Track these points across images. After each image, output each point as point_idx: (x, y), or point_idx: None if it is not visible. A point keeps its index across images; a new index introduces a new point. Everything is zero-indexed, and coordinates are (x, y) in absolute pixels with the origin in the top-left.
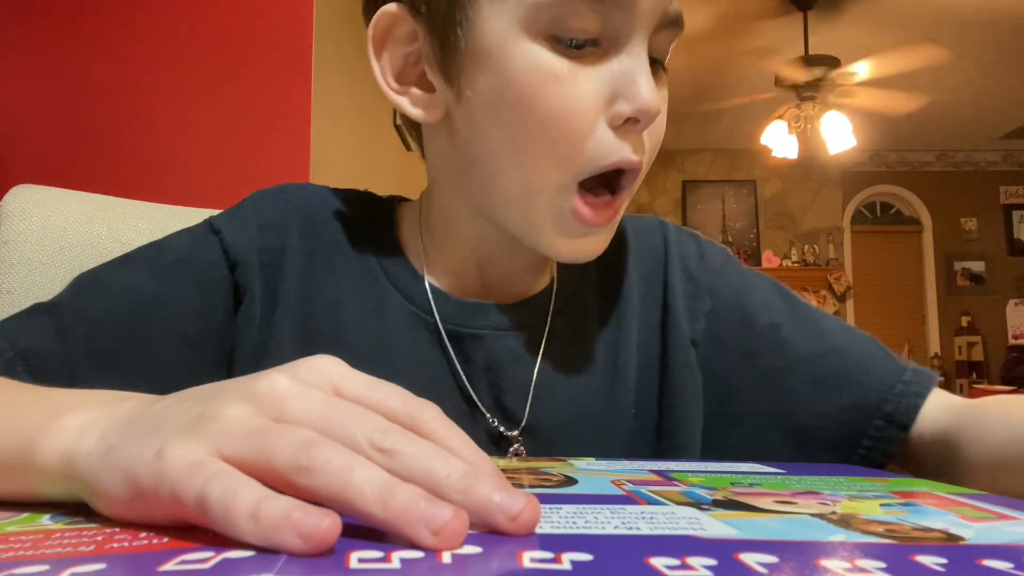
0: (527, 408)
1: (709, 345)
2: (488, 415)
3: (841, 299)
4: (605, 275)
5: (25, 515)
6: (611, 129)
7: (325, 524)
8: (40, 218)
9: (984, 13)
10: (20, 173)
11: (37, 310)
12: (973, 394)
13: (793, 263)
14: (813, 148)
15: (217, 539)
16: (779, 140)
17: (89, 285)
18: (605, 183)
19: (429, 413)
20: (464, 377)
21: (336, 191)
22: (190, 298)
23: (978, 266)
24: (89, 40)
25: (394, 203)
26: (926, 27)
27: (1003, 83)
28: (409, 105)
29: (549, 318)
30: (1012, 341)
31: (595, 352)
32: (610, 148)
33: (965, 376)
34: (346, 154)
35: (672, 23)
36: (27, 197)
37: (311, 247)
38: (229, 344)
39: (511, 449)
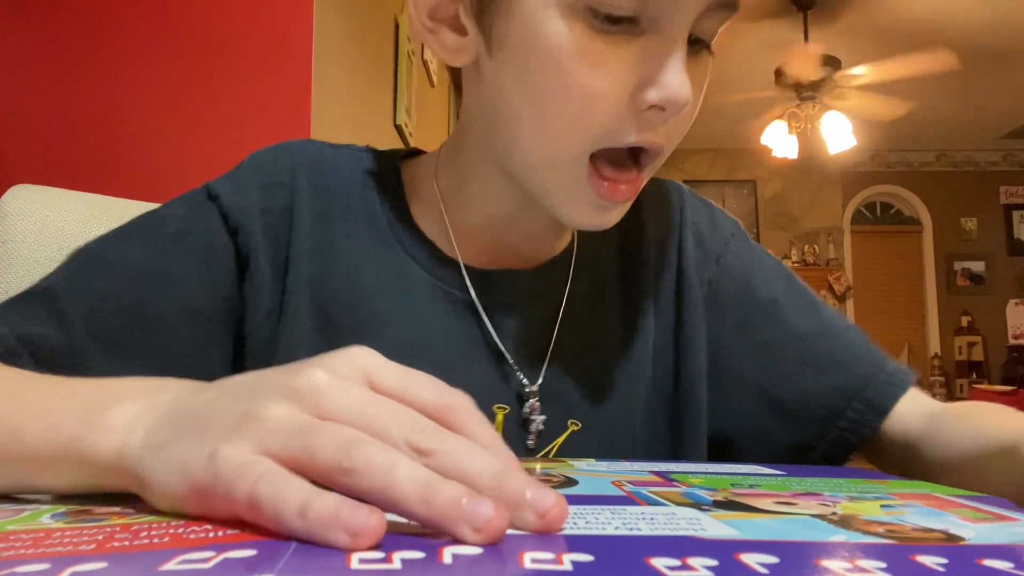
0: (543, 368)
1: (709, 310)
2: (522, 376)
3: (841, 299)
4: (624, 237)
5: (26, 513)
6: (635, 112)
7: (373, 521)
8: (39, 218)
9: (984, 13)
10: (19, 173)
11: (34, 293)
12: (973, 394)
13: (793, 263)
14: (813, 148)
15: (218, 539)
16: (779, 140)
17: (87, 262)
18: (630, 155)
19: (461, 407)
20: (500, 343)
21: (338, 148)
22: (192, 271)
23: (978, 266)
24: (88, 40)
25: (397, 159)
26: (926, 27)
27: (1003, 83)
28: (437, 45)
29: (569, 281)
30: (1012, 341)
31: (614, 314)
32: (629, 130)
33: (965, 376)
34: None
35: (724, 5)
36: (26, 197)
37: (321, 209)
38: (237, 314)
39: (527, 405)
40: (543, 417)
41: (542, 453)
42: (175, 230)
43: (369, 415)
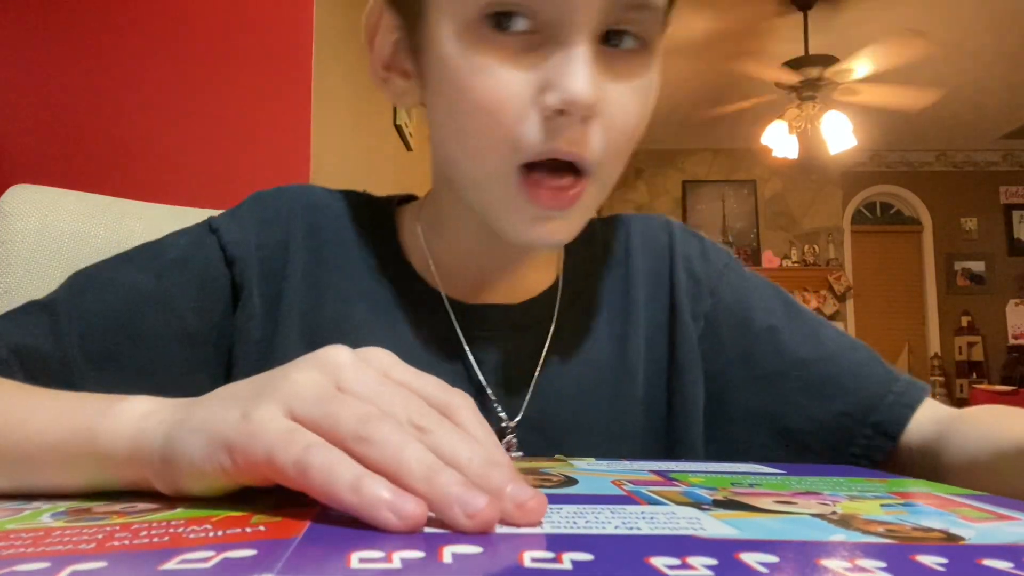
0: (525, 401)
1: (708, 344)
2: (500, 410)
3: (841, 299)
4: (611, 272)
5: (26, 513)
6: (545, 120)
7: (419, 511)
8: (38, 218)
9: (984, 13)
10: (18, 173)
11: (32, 307)
12: (973, 394)
13: (793, 263)
14: (813, 148)
15: (218, 539)
16: (779, 140)
17: (85, 282)
18: (568, 168)
19: (461, 402)
20: (481, 376)
21: (334, 192)
22: (188, 296)
23: (978, 266)
24: (87, 39)
25: (392, 204)
26: (927, 27)
27: (1003, 83)
28: (389, 91)
29: (556, 315)
30: (1012, 341)
31: (602, 348)
32: (539, 138)
33: (965, 376)
34: (346, 153)
35: (635, 6)
36: (25, 197)
37: (315, 246)
38: (228, 342)
39: (503, 440)
40: (519, 453)
41: None
42: (175, 257)
43: (382, 394)
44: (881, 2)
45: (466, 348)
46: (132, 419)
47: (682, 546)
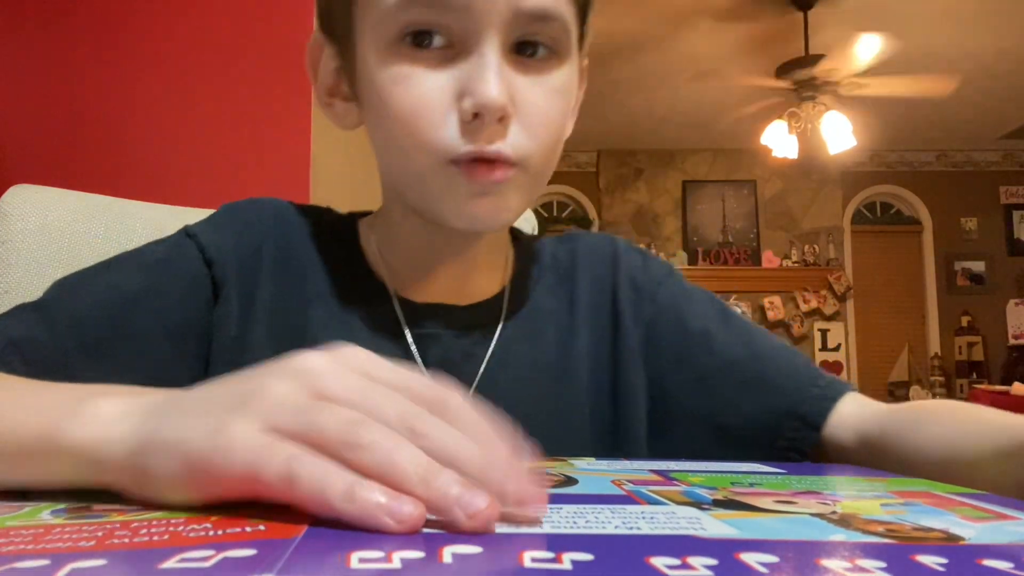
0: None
1: (648, 349)
2: None
3: (841, 299)
4: (557, 282)
5: (26, 509)
6: (463, 123)
7: (418, 512)
8: (38, 218)
9: (985, 12)
10: (18, 173)
11: (23, 308)
12: (973, 394)
13: (793, 263)
14: (813, 148)
15: (217, 538)
16: (779, 140)
17: (73, 284)
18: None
19: (453, 398)
20: (424, 369)
21: (300, 207)
22: (172, 291)
23: (978, 266)
24: (87, 40)
25: (354, 218)
26: (927, 27)
27: (1003, 83)
28: (333, 115)
29: (502, 318)
30: (1012, 341)
31: (546, 352)
32: (460, 140)
33: (965, 376)
34: (346, 153)
35: (537, 17)
36: (25, 197)
37: (283, 252)
38: (208, 339)
39: None
40: None
41: None
42: (158, 258)
43: (367, 397)
44: (881, 2)
45: (411, 343)
46: (101, 424)
47: (682, 546)
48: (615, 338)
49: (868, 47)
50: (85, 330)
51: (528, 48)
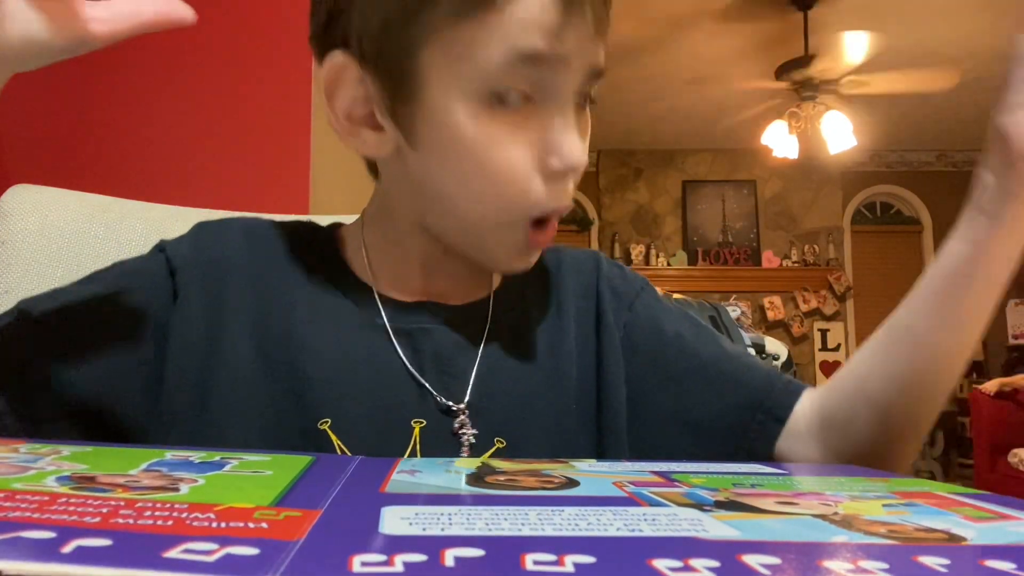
0: (469, 387)
1: (625, 350)
2: (436, 394)
3: (841, 299)
4: (544, 287)
5: (31, 472)
6: (546, 179)
7: None
8: (38, 218)
9: (985, 12)
10: (18, 173)
11: (6, 313)
12: (973, 394)
13: (793, 263)
14: (813, 148)
15: (221, 530)
16: (779, 140)
17: (51, 292)
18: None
19: None
20: (410, 365)
21: (279, 221)
22: (133, 295)
23: None
24: None
25: (334, 227)
26: (926, 27)
27: (1003, 83)
28: (361, 144)
29: (490, 316)
30: (1012, 341)
31: (535, 350)
32: (547, 198)
33: (965, 376)
34: (346, 152)
35: (598, 75)
36: (25, 197)
37: (258, 264)
38: (163, 337)
39: (457, 420)
40: (474, 431)
41: None
42: (126, 269)
43: None
44: (881, 2)
45: (394, 340)
46: None
47: (684, 548)
48: (599, 338)
49: (868, 47)
50: (45, 332)
51: (581, 102)
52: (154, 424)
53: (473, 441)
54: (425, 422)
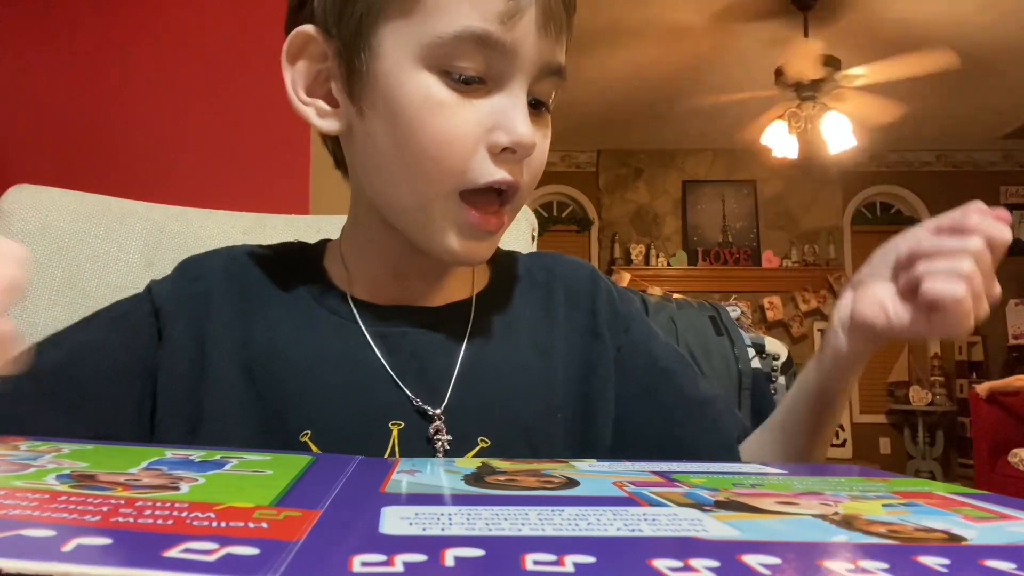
0: (449, 389)
1: (617, 374)
2: (413, 396)
3: None
4: (533, 291)
5: (31, 471)
6: (490, 155)
7: None
8: (38, 218)
9: (984, 13)
10: (18, 173)
11: None
12: (972, 394)
13: (793, 263)
14: (813, 148)
15: (221, 530)
16: (779, 140)
17: (52, 341)
18: (496, 194)
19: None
20: (389, 367)
21: (265, 246)
22: (121, 339)
23: None
24: (87, 40)
25: (322, 244)
26: (926, 26)
27: (1003, 83)
28: (315, 116)
29: (472, 316)
30: (1012, 341)
31: (521, 354)
32: (488, 170)
33: (965, 376)
34: None
35: (554, 72)
36: (25, 197)
37: (240, 289)
38: (152, 376)
39: (432, 426)
40: (448, 437)
41: None
42: (117, 314)
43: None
44: (881, 3)
45: (373, 344)
46: None
47: (684, 548)
48: (591, 351)
49: (868, 47)
50: (43, 383)
51: (538, 104)
52: None
53: (448, 448)
54: (403, 424)
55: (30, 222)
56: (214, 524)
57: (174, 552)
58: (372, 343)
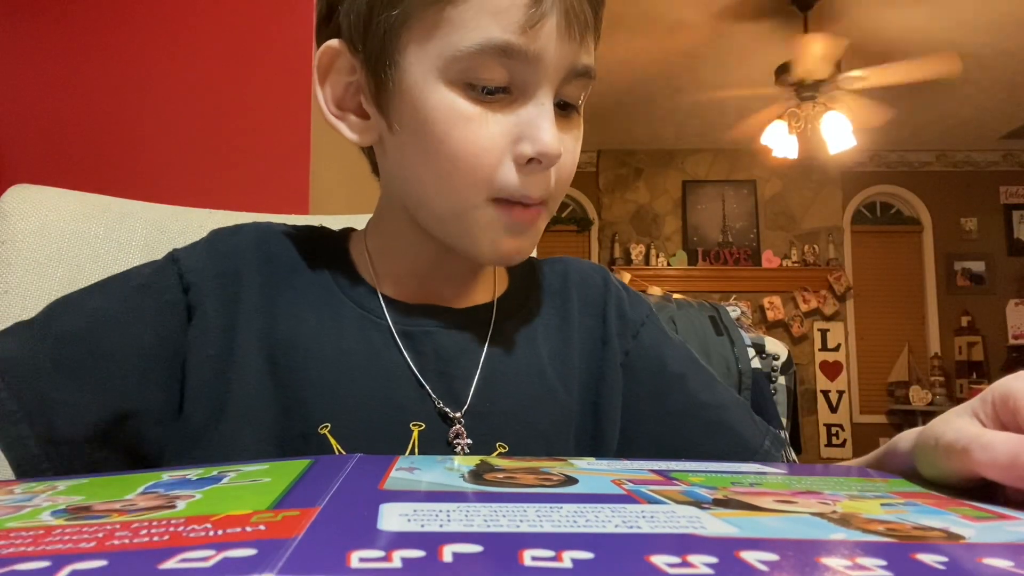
0: (471, 392)
1: (626, 379)
2: (436, 398)
3: (841, 299)
4: (550, 297)
5: (26, 511)
6: (516, 166)
7: None
8: (38, 218)
9: (985, 12)
10: (18, 173)
11: (19, 325)
12: (972, 394)
13: (793, 263)
14: (813, 148)
15: (218, 538)
16: (779, 140)
17: (63, 305)
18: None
19: None
20: (413, 365)
21: (291, 225)
22: (147, 315)
23: (978, 266)
24: (87, 39)
25: (346, 232)
26: (926, 27)
27: (1003, 83)
28: (347, 129)
29: (493, 319)
30: (1012, 341)
31: (538, 358)
32: (514, 184)
33: (965, 376)
34: (346, 151)
35: (581, 74)
36: (25, 197)
37: (268, 273)
38: (181, 358)
39: (452, 430)
40: (468, 440)
41: None
42: (138, 284)
43: None
44: (880, 2)
45: (399, 341)
46: None
47: (683, 544)
48: (603, 358)
49: (867, 47)
50: (62, 350)
51: (563, 106)
52: (174, 440)
53: (468, 452)
54: (424, 425)
55: (30, 222)
56: (211, 533)
57: (171, 563)
58: (400, 342)
